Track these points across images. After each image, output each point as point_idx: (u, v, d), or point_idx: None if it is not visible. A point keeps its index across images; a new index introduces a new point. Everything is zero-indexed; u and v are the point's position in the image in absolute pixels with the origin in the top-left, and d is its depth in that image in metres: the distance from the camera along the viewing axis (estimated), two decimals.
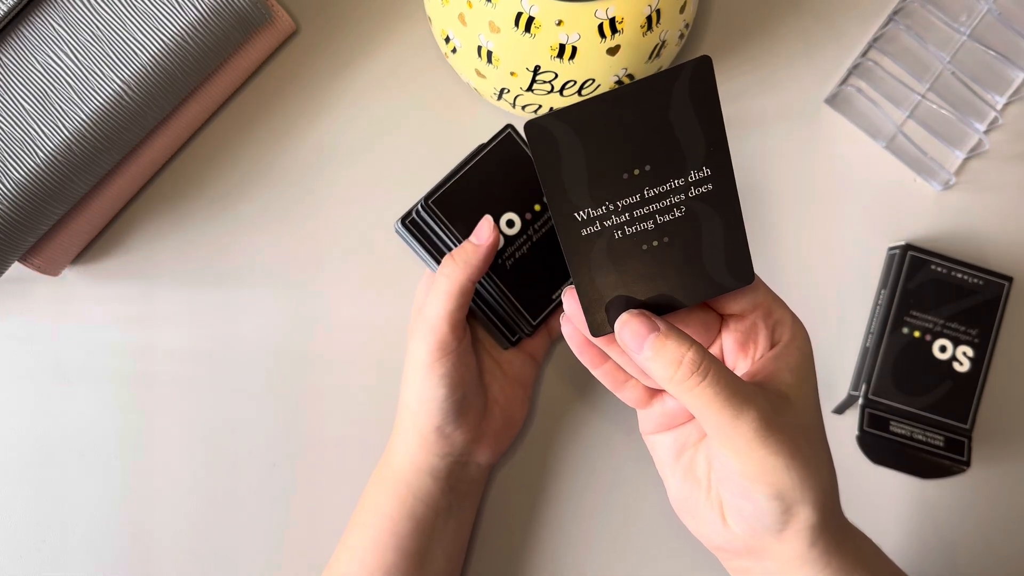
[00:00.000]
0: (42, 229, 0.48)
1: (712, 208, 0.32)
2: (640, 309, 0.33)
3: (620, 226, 0.33)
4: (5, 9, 0.44)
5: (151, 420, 0.52)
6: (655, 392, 0.38)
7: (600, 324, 0.34)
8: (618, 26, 0.43)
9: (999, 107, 0.53)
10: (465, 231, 0.44)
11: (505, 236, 0.45)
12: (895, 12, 0.53)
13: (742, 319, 0.35)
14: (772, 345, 0.35)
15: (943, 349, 0.49)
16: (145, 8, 0.46)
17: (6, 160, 0.45)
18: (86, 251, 0.53)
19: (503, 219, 0.45)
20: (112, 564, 0.51)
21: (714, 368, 0.32)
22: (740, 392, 0.32)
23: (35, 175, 0.45)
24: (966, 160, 0.53)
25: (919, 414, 0.49)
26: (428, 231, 0.45)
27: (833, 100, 0.54)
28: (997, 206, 0.53)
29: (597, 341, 0.35)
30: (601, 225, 0.33)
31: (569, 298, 0.35)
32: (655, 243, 0.33)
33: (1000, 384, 0.51)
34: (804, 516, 0.33)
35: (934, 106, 0.53)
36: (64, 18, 0.46)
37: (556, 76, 0.45)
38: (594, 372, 0.38)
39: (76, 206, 0.49)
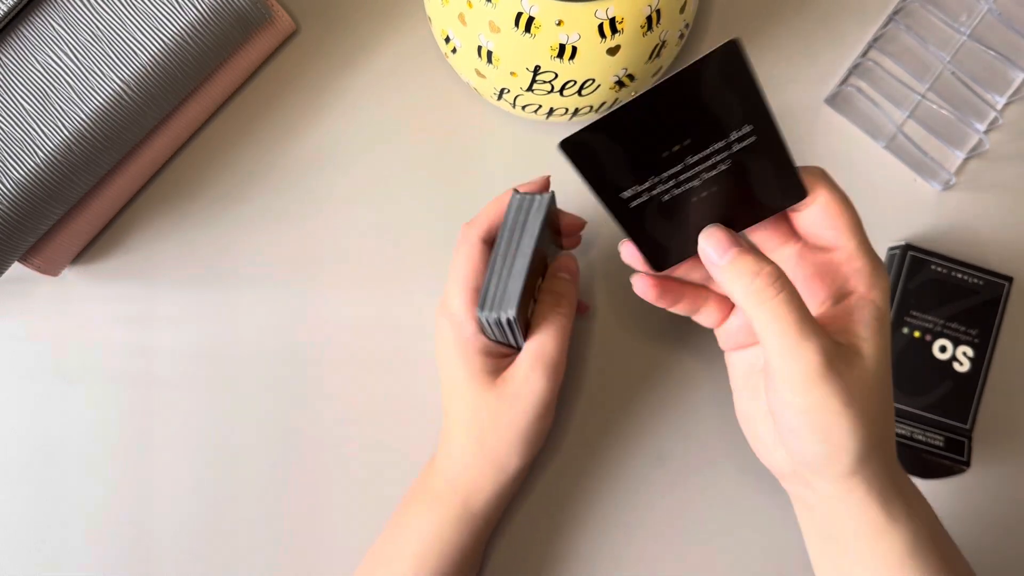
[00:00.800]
0: (42, 229, 0.48)
1: (757, 153, 0.33)
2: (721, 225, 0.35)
3: (667, 191, 0.34)
4: (5, 9, 0.44)
5: (151, 420, 0.52)
6: (729, 310, 0.39)
7: (662, 263, 0.36)
8: (618, 26, 0.43)
9: (999, 107, 0.53)
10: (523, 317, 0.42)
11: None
12: (895, 12, 0.53)
13: (819, 253, 0.36)
14: (845, 293, 0.35)
15: (943, 349, 0.49)
16: (145, 8, 0.46)
17: (6, 160, 0.45)
18: (86, 251, 0.53)
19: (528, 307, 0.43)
20: (112, 564, 0.51)
21: (790, 288, 0.32)
22: (811, 319, 0.32)
23: (35, 175, 0.45)
24: (966, 160, 0.53)
25: (919, 414, 0.49)
26: (507, 328, 0.42)
27: (833, 100, 0.54)
28: (997, 206, 0.53)
29: (669, 271, 0.37)
30: (648, 195, 0.34)
31: (626, 249, 0.36)
32: (704, 194, 0.34)
33: (1000, 384, 0.51)
34: (846, 463, 0.33)
35: (934, 106, 0.53)
36: (64, 18, 0.46)
37: (556, 76, 0.45)
38: (672, 309, 0.39)
39: (76, 206, 0.49)
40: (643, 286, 0.38)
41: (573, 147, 0.32)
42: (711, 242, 0.34)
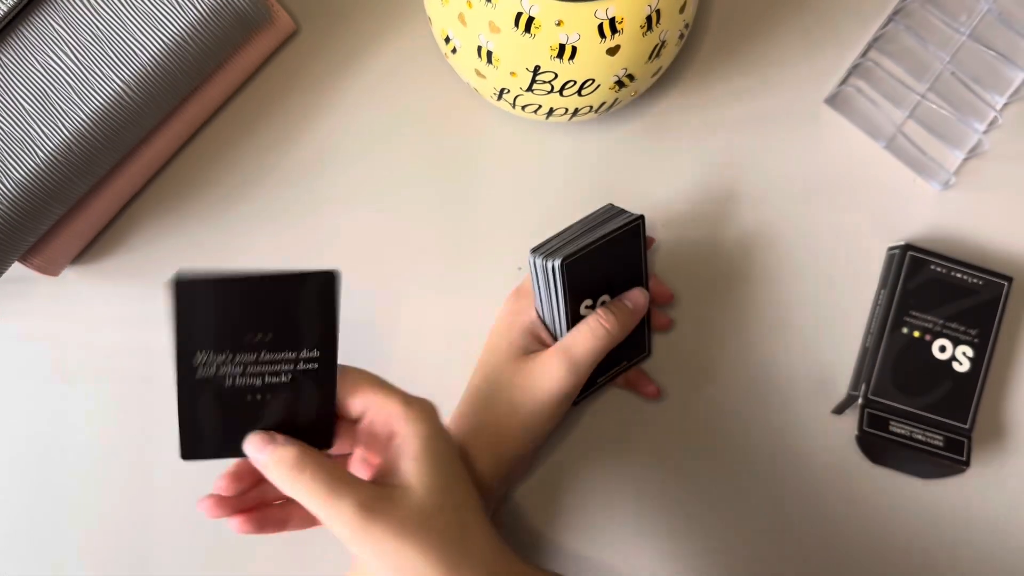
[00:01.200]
0: (42, 229, 0.48)
1: (313, 382, 0.36)
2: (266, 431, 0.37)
3: (233, 375, 0.36)
4: (5, 9, 0.44)
5: (151, 420, 0.52)
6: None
7: (192, 452, 0.38)
8: (618, 26, 0.43)
9: (999, 107, 0.53)
10: (573, 303, 0.45)
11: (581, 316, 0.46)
12: (895, 12, 0.53)
13: (369, 422, 0.38)
14: (393, 437, 0.37)
15: (943, 349, 0.49)
16: (145, 8, 0.46)
17: (6, 160, 0.45)
18: (86, 251, 0.53)
19: (583, 304, 0.46)
20: (112, 564, 0.51)
21: (314, 464, 0.35)
22: (340, 482, 0.34)
23: (35, 175, 0.45)
24: (966, 160, 0.53)
25: (919, 414, 0.49)
26: (551, 281, 0.45)
27: (833, 100, 0.54)
28: (997, 206, 0.53)
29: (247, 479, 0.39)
30: (217, 369, 0.36)
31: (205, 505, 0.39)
32: (259, 397, 0.36)
33: (1000, 384, 0.51)
34: None
35: (934, 106, 0.53)
36: (64, 18, 0.46)
37: (556, 76, 0.45)
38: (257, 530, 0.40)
39: (76, 206, 0.49)
40: (205, 505, 0.39)
41: (185, 286, 0.34)
42: (251, 444, 0.36)
